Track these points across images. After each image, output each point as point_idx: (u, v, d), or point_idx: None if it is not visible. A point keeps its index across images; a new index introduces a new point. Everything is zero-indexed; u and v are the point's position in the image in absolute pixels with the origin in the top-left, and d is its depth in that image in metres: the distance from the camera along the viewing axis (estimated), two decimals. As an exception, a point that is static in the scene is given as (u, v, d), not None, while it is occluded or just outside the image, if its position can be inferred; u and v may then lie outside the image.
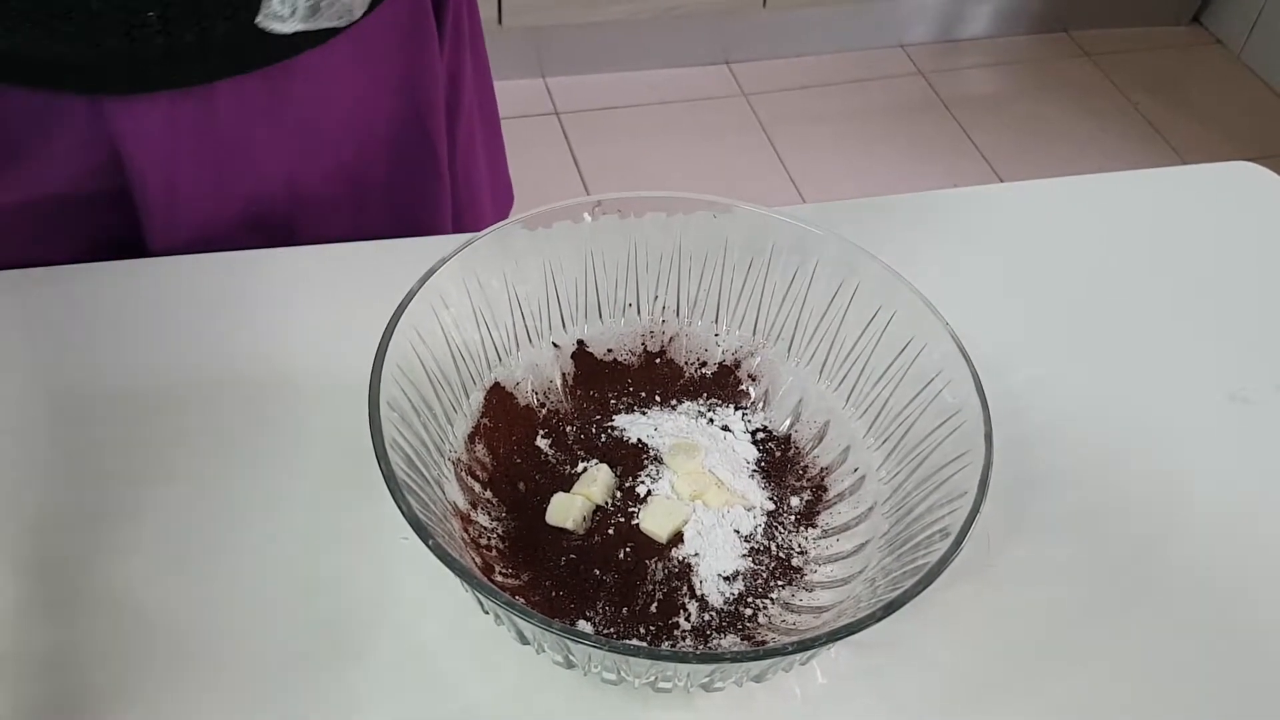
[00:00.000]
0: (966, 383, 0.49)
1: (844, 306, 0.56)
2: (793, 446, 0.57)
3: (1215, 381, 0.64)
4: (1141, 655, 0.52)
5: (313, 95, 0.66)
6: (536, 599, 0.49)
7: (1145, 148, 2.12)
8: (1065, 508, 0.57)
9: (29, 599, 0.50)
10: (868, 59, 2.26)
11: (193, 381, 0.59)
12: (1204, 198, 0.77)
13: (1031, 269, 0.70)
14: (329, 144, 0.69)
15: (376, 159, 0.72)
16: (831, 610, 0.48)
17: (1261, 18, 2.28)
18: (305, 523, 0.53)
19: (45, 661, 0.48)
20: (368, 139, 0.71)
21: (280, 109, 0.65)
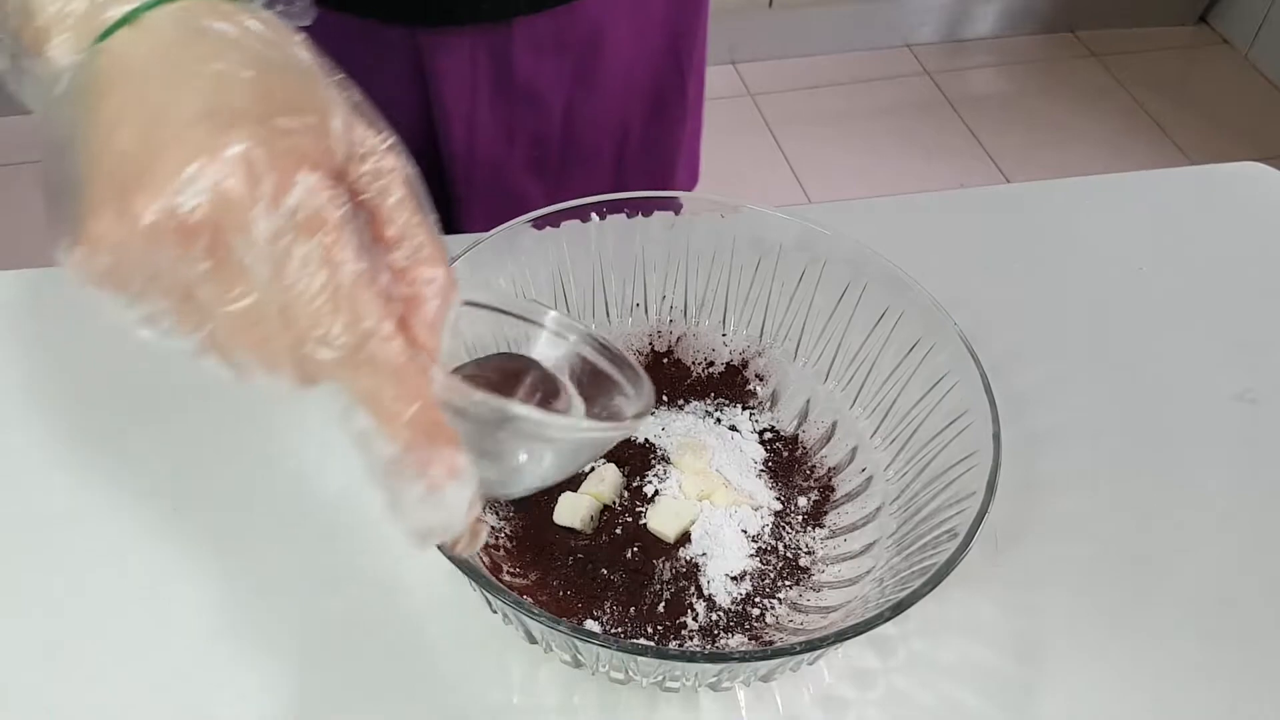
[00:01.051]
0: (975, 383, 0.49)
1: (851, 307, 0.56)
2: (800, 446, 0.57)
3: (1222, 382, 0.64)
4: (1150, 655, 0.52)
5: (592, 41, 0.71)
6: (544, 598, 0.49)
7: (1152, 148, 2.11)
8: (1072, 508, 0.57)
9: (32, 595, 0.50)
10: (874, 59, 2.25)
11: (197, 380, 0.59)
12: (1211, 198, 0.77)
13: (1039, 269, 0.70)
14: (600, 91, 0.73)
15: (637, 112, 0.77)
16: (839, 610, 0.48)
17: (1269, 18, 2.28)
18: (313, 522, 0.54)
19: (48, 657, 0.48)
20: (633, 91, 0.75)
21: (564, 51, 0.70)
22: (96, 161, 0.32)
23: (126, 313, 0.34)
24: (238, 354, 0.34)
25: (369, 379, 0.33)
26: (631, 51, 0.73)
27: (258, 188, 0.31)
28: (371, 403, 0.33)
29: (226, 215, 0.31)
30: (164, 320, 0.34)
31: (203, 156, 0.31)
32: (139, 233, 0.31)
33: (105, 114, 0.32)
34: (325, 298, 0.32)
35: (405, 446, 0.33)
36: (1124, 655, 0.51)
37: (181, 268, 0.32)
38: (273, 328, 0.33)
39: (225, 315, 0.33)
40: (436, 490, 0.34)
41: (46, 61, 0.34)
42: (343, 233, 0.32)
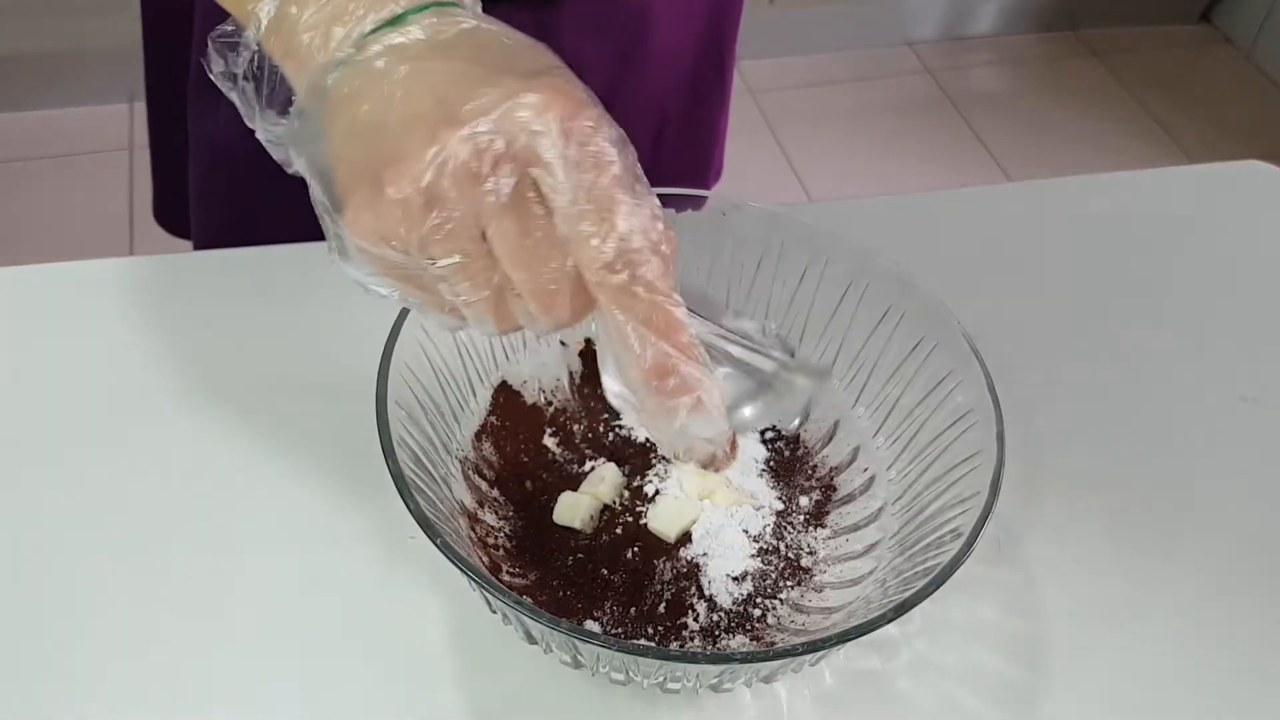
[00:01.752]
0: (978, 383, 0.49)
1: (853, 306, 0.55)
2: (802, 446, 0.56)
3: (1226, 382, 0.63)
4: (1153, 657, 0.51)
5: (637, 24, 0.70)
6: (544, 598, 0.49)
7: (1154, 146, 2.11)
8: (1077, 508, 0.56)
9: (28, 598, 0.50)
10: (875, 57, 2.25)
11: (198, 379, 0.59)
12: (1213, 196, 0.76)
13: (1041, 268, 0.70)
14: (642, 69, 0.73)
15: (677, 97, 0.76)
16: (841, 611, 0.48)
17: (1271, 16, 2.27)
18: (312, 521, 0.53)
19: (46, 659, 0.48)
20: (674, 76, 0.75)
21: (608, 25, 0.69)
22: (403, 119, 0.36)
23: (395, 281, 0.39)
24: (520, 290, 0.38)
25: (643, 306, 0.37)
26: (674, 36, 0.73)
27: (559, 124, 0.35)
28: (645, 327, 0.37)
29: (534, 149, 0.35)
30: (451, 275, 0.37)
31: (507, 101, 0.35)
32: (457, 165, 0.35)
33: (396, 86, 0.36)
34: (611, 226, 0.36)
35: (674, 368, 0.37)
36: (1127, 657, 0.51)
37: (485, 204, 0.35)
38: (556, 261, 0.37)
39: (520, 249, 0.36)
40: (702, 406, 0.38)
41: (308, 58, 0.38)
42: (622, 173, 0.36)
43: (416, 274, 0.38)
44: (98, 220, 1.76)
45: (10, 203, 1.79)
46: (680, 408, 0.38)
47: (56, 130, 1.90)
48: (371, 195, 0.36)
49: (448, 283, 0.38)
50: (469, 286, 0.38)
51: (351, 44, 0.38)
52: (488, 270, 0.38)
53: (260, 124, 0.42)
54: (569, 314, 0.38)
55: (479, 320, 0.39)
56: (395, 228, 0.36)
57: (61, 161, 1.86)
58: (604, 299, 0.37)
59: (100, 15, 1.76)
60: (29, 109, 1.91)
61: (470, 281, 0.38)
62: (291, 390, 0.58)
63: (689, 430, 0.39)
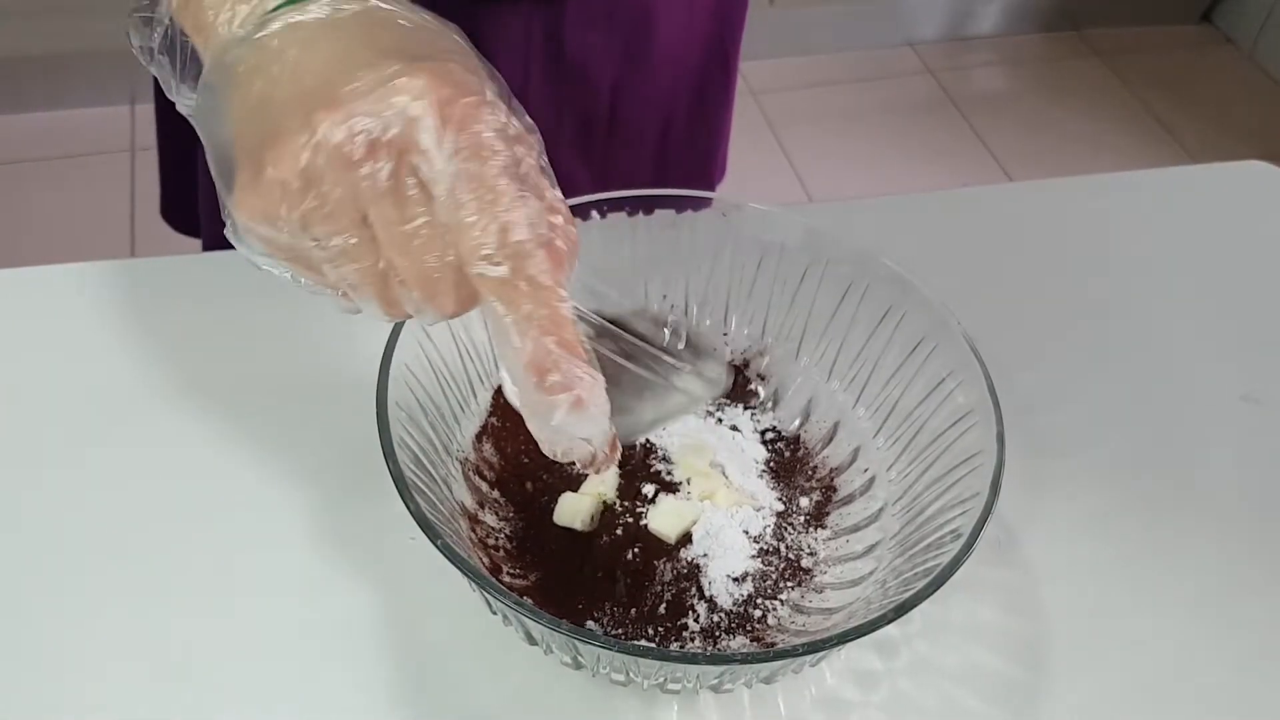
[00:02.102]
0: (979, 383, 0.49)
1: (854, 306, 0.55)
2: (802, 447, 0.56)
3: (1227, 382, 0.63)
4: (1154, 658, 0.51)
5: (642, 21, 0.71)
6: (544, 600, 0.49)
7: (1155, 147, 2.11)
8: (1077, 509, 0.56)
9: (29, 598, 0.50)
10: (876, 57, 2.25)
11: (198, 381, 0.59)
12: (1215, 197, 0.76)
13: (1042, 269, 0.70)
14: (648, 66, 0.73)
15: (683, 96, 0.76)
16: (842, 611, 0.48)
17: (1272, 16, 2.27)
18: (312, 522, 0.53)
19: (46, 659, 0.48)
20: (679, 74, 0.75)
21: (614, 29, 0.70)
22: (286, 99, 0.36)
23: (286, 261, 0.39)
24: (403, 277, 0.37)
25: (526, 300, 0.36)
26: (679, 33, 0.73)
27: (438, 109, 0.35)
28: (526, 322, 0.36)
29: (411, 135, 0.35)
30: (335, 257, 0.37)
31: (385, 85, 0.35)
32: (331, 149, 0.35)
33: (286, 65, 0.36)
34: (492, 217, 0.35)
35: (554, 364, 0.37)
36: (1127, 657, 0.51)
37: (361, 189, 0.35)
38: (437, 250, 0.36)
39: (399, 235, 0.36)
40: (582, 404, 0.37)
41: (213, 34, 0.38)
42: (509, 163, 0.36)
43: (305, 254, 0.38)
44: (99, 221, 1.77)
45: (12, 203, 1.80)
46: (559, 404, 0.37)
47: (58, 131, 1.90)
48: (255, 174, 0.36)
49: (332, 264, 0.38)
50: (353, 270, 0.37)
51: (254, 21, 0.38)
52: (371, 254, 0.37)
53: (178, 98, 0.42)
54: (452, 304, 0.38)
55: (366, 304, 0.39)
56: (276, 207, 0.36)
57: (63, 162, 1.87)
58: (484, 291, 0.37)
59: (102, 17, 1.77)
60: (31, 110, 1.91)
61: (354, 265, 0.37)
62: (292, 391, 0.58)
63: (567, 429, 0.38)
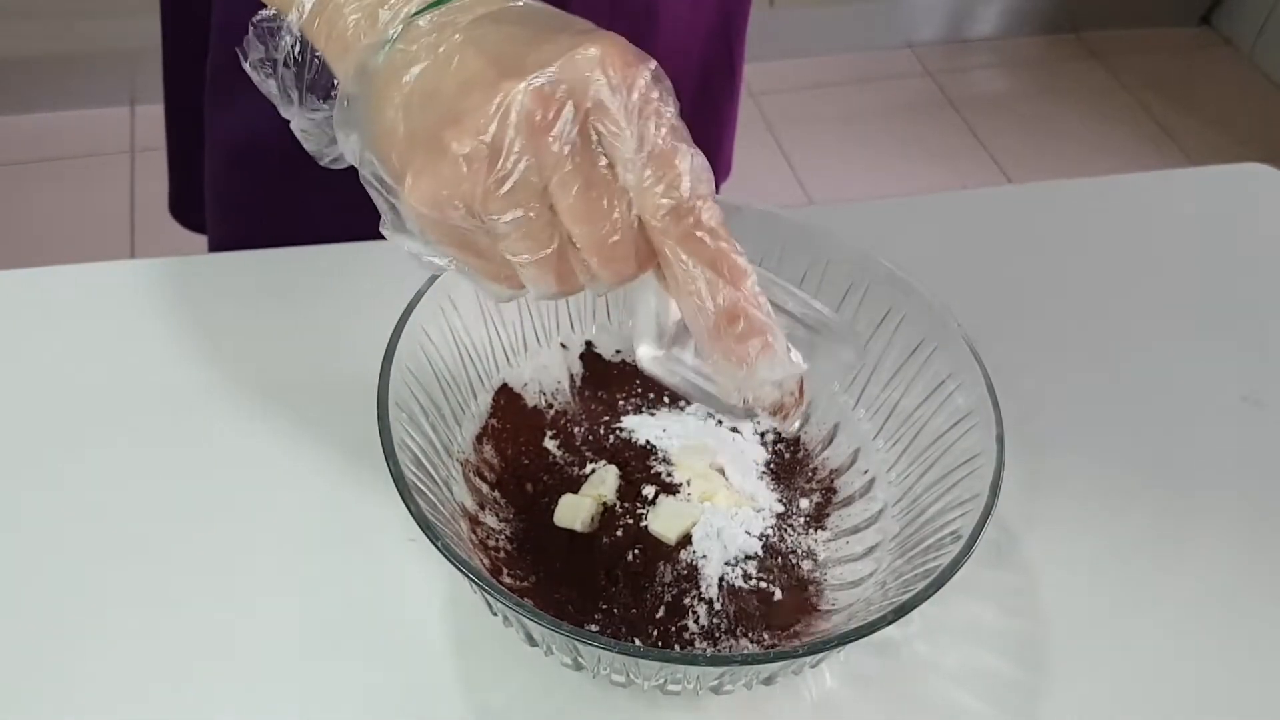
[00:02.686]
0: (978, 385, 0.49)
1: (854, 308, 0.55)
2: (802, 448, 0.56)
3: (1227, 383, 0.64)
4: (1153, 659, 0.51)
5: (648, 12, 0.70)
6: (545, 601, 0.49)
7: (1154, 149, 2.11)
8: (1077, 510, 0.57)
9: (31, 599, 0.50)
10: (875, 59, 2.25)
11: (199, 382, 0.59)
12: (1214, 199, 0.77)
13: (1041, 270, 0.70)
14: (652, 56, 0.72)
15: (688, 89, 0.76)
16: (842, 613, 0.48)
17: (1271, 19, 2.28)
18: (313, 523, 0.53)
19: (47, 660, 0.48)
20: (684, 67, 0.75)
21: (618, 15, 0.69)
22: (463, 81, 0.36)
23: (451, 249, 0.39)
24: (583, 245, 0.38)
25: (709, 251, 0.37)
26: (684, 26, 0.73)
27: (619, 74, 0.36)
28: (714, 270, 0.37)
29: (597, 97, 0.36)
30: (512, 233, 0.37)
31: (567, 53, 0.36)
32: (522, 115, 0.35)
33: (450, 55, 0.37)
34: (673, 174, 0.37)
35: (744, 311, 0.38)
36: (1127, 658, 0.51)
37: (549, 154, 0.36)
38: (619, 211, 0.37)
39: (583, 201, 0.37)
40: (771, 348, 0.38)
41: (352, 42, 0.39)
42: (676, 124, 0.37)
43: (475, 239, 0.39)
44: (99, 222, 1.77)
45: (12, 204, 1.80)
46: (750, 350, 0.38)
47: (58, 133, 1.90)
48: (432, 157, 0.37)
49: (509, 241, 0.38)
50: (530, 244, 0.38)
51: (399, 22, 0.38)
52: (549, 227, 0.38)
53: (299, 111, 0.43)
54: (632, 266, 0.38)
55: (539, 282, 0.39)
56: (457, 186, 0.37)
57: (63, 163, 1.87)
58: (670, 246, 0.38)
59: (103, 18, 1.77)
60: (31, 111, 1.91)
61: (532, 239, 0.38)
62: (292, 392, 0.58)
63: (759, 374, 0.39)
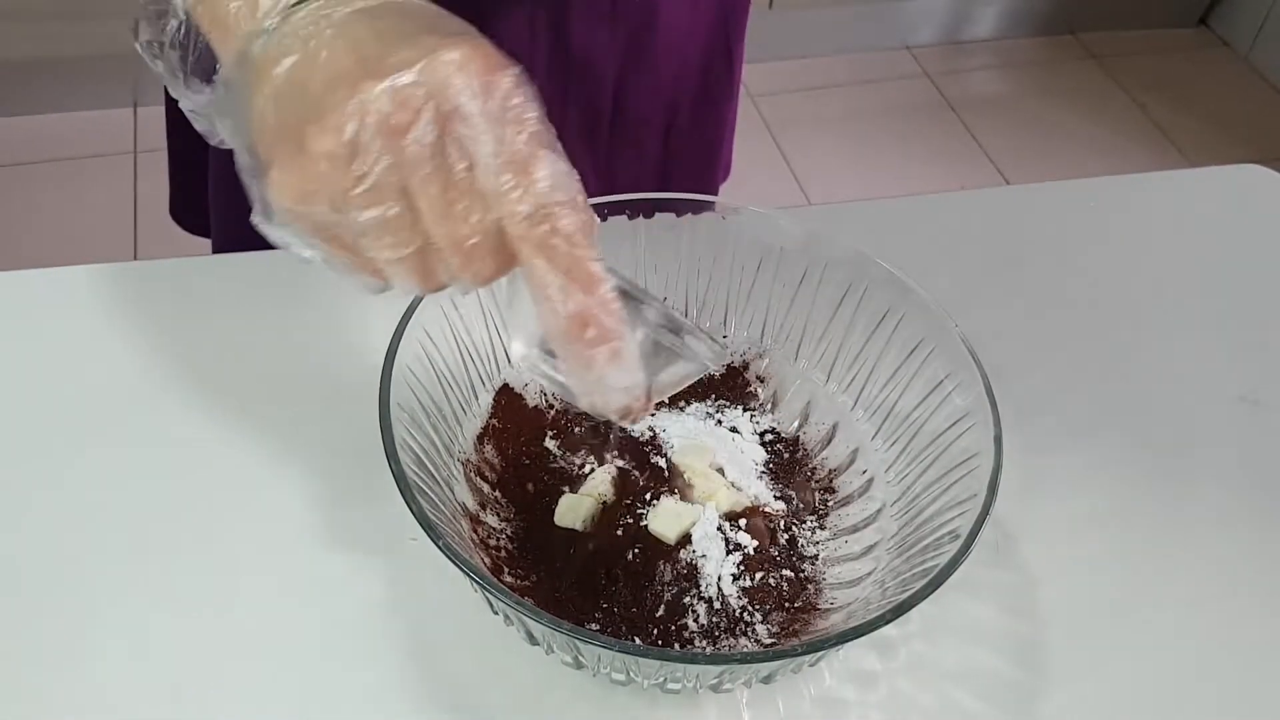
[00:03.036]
0: (976, 385, 0.49)
1: (852, 309, 0.56)
2: (801, 448, 0.57)
3: (1224, 384, 0.64)
4: (1151, 658, 0.52)
5: (646, 14, 0.71)
6: (545, 600, 0.49)
7: (1152, 150, 2.11)
8: (1075, 510, 0.57)
9: (33, 599, 0.50)
10: (874, 61, 2.25)
11: (201, 382, 0.59)
12: (1211, 200, 0.77)
13: (1039, 271, 0.70)
14: (653, 58, 0.74)
15: (686, 89, 0.77)
16: (840, 612, 0.48)
17: (1268, 20, 2.28)
18: (314, 523, 0.54)
19: (49, 660, 0.48)
20: (683, 67, 0.75)
21: (618, 22, 0.70)
22: (328, 77, 0.37)
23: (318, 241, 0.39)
24: (442, 245, 0.38)
25: (564, 257, 0.38)
26: (683, 27, 0.74)
27: (480, 78, 0.37)
28: (566, 277, 0.38)
29: (455, 101, 0.36)
30: (373, 229, 0.38)
31: (429, 55, 0.36)
32: (380, 117, 0.36)
33: (321, 49, 0.37)
34: (530, 180, 0.37)
35: (593, 317, 0.38)
36: (1126, 657, 0.51)
37: (407, 156, 0.36)
38: (478, 214, 0.38)
39: (440, 202, 0.37)
40: (620, 355, 0.39)
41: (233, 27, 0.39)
42: (539, 130, 0.38)
43: (340, 234, 0.39)
44: (102, 224, 1.77)
45: (15, 206, 1.80)
46: (599, 356, 0.39)
47: (62, 134, 1.90)
48: (294, 152, 0.37)
49: (370, 239, 0.38)
50: (392, 242, 0.38)
51: (278, 13, 0.39)
52: (411, 227, 0.38)
53: (184, 93, 0.43)
54: (491, 268, 0.39)
55: (402, 279, 0.40)
56: (318, 184, 0.37)
57: (66, 165, 1.87)
58: (526, 251, 0.38)
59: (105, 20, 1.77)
60: (34, 113, 1.92)
61: (393, 237, 0.38)
62: (294, 393, 0.59)
63: (606, 380, 0.40)
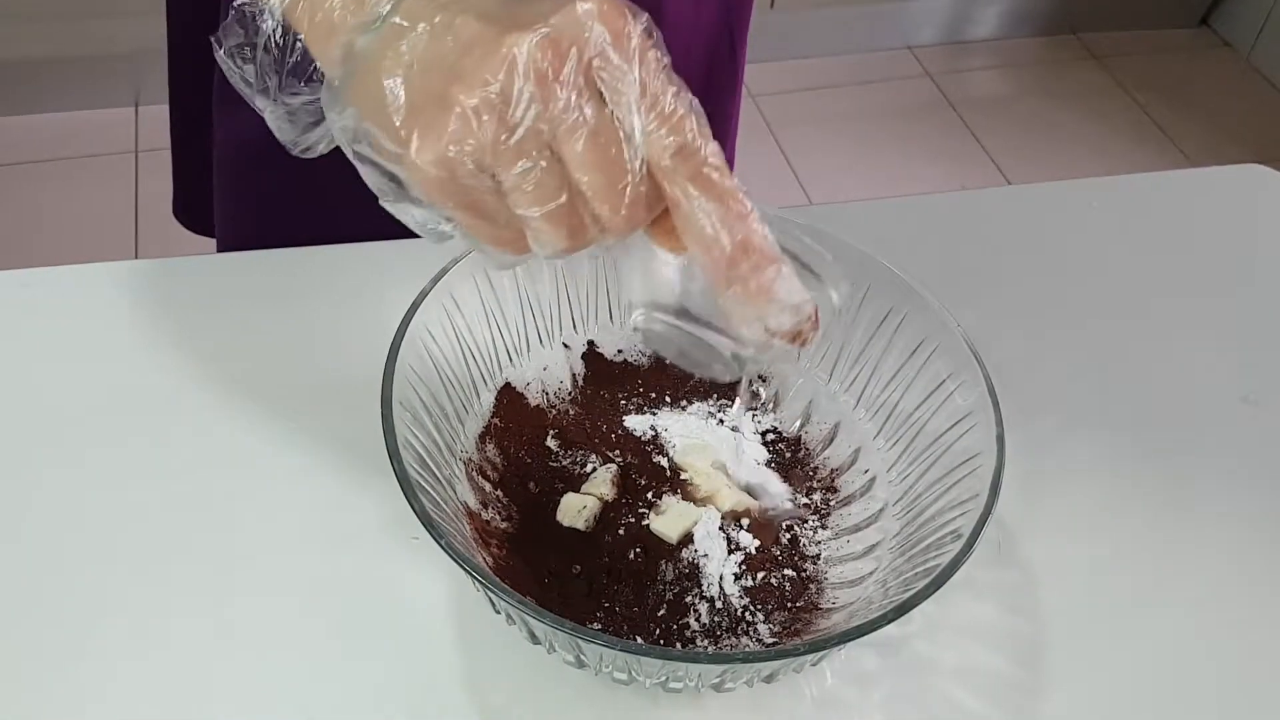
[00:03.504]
0: (978, 385, 0.49)
1: (854, 309, 0.56)
2: (803, 448, 0.57)
3: (1225, 384, 0.64)
4: (1152, 658, 0.52)
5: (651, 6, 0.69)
6: (547, 599, 0.49)
7: (1153, 150, 2.11)
8: (1076, 510, 0.57)
9: (36, 599, 0.51)
10: (875, 61, 2.25)
11: (202, 382, 0.59)
12: (1213, 200, 0.77)
13: (1040, 271, 0.70)
14: None
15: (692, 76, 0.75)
16: (842, 611, 0.48)
17: (1270, 20, 2.28)
18: (316, 522, 0.54)
19: (53, 660, 0.48)
20: (688, 62, 0.75)
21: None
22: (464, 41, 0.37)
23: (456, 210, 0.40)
24: (592, 193, 0.38)
25: (718, 188, 0.38)
26: (688, 26, 0.74)
27: (616, 23, 0.37)
28: (723, 204, 0.39)
29: (599, 47, 0.37)
30: (521, 185, 0.38)
31: (565, 7, 0.37)
32: (528, 66, 0.36)
33: (447, 23, 0.37)
34: (679, 115, 0.38)
35: (753, 243, 0.39)
36: (1126, 658, 0.51)
37: (556, 104, 0.37)
38: (626, 156, 0.38)
39: (591, 148, 0.37)
40: (785, 275, 0.40)
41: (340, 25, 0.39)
42: (669, 70, 0.39)
43: (481, 199, 0.39)
44: (103, 223, 1.77)
45: (16, 205, 1.80)
46: (767, 276, 0.39)
47: (63, 133, 1.90)
48: (438, 114, 0.37)
49: (518, 195, 0.38)
50: (540, 195, 0.38)
51: (387, 3, 0.39)
52: (558, 178, 0.38)
53: (277, 97, 0.43)
54: (642, 211, 0.39)
55: (549, 237, 0.40)
56: (465, 140, 0.37)
57: (68, 164, 1.87)
58: (680, 185, 0.38)
59: (106, 19, 1.77)
60: (35, 112, 1.92)
61: (541, 190, 0.38)
62: (296, 392, 0.59)
63: (779, 299, 0.40)
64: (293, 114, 0.43)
